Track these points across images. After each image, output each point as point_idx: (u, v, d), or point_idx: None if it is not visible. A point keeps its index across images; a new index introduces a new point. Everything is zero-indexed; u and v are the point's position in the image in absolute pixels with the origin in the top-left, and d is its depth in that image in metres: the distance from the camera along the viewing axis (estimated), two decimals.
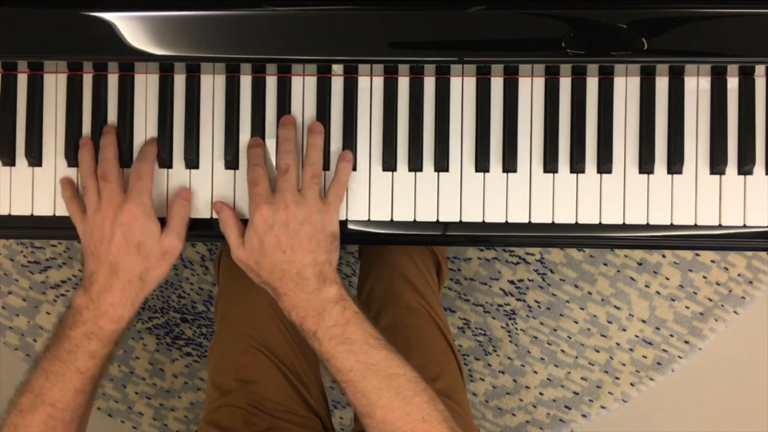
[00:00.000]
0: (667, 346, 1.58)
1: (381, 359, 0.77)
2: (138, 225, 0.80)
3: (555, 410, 1.61)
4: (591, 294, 1.57)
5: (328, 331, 0.78)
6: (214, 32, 0.80)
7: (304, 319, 0.79)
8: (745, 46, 0.79)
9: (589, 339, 1.59)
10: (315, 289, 0.79)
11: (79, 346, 0.80)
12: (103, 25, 0.80)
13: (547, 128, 0.85)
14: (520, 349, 1.60)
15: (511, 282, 1.58)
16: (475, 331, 1.59)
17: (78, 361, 0.80)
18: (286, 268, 0.79)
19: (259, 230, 0.80)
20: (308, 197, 0.81)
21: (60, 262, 1.61)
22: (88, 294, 0.81)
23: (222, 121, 0.87)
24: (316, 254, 0.80)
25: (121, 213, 0.80)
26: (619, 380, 1.60)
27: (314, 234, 0.80)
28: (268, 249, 0.79)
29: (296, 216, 0.80)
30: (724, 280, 1.56)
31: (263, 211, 0.80)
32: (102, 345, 0.81)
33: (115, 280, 0.80)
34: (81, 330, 0.80)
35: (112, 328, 0.81)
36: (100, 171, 0.83)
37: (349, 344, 0.78)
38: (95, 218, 0.82)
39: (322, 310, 0.79)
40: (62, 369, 0.80)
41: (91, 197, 0.83)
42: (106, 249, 0.80)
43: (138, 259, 0.81)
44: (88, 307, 0.80)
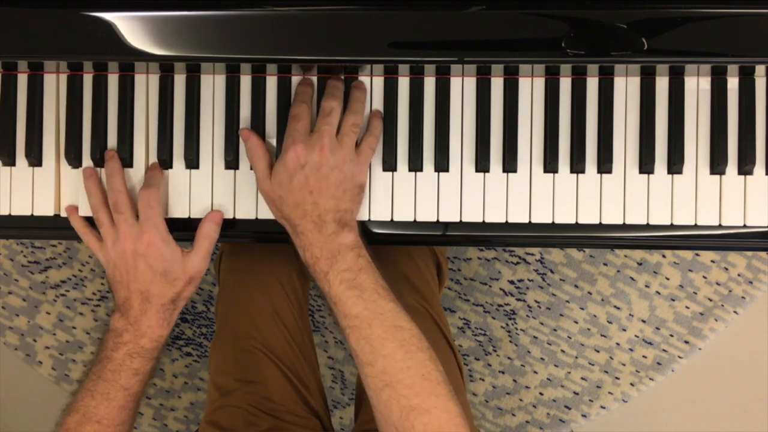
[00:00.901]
0: (667, 346, 1.58)
1: (389, 310, 0.78)
2: (158, 253, 0.82)
3: (555, 410, 1.61)
4: (591, 294, 1.57)
5: (340, 275, 0.78)
6: (214, 32, 0.80)
7: (318, 259, 0.80)
8: (745, 46, 0.79)
9: (589, 339, 1.59)
10: (333, 232, 0.79)
11: (123, 365, 0.84)
12: (103, 25, 0.80)
13: (547, 128, 0.85)
14: (520, 349, 1.60)
15: (511, 282, 1.58)
16: (475, 331, 1.59)
17: (122, 379, 0.83)
18: (309, 209, 0.80)
19: (290, 166, 0.80)
20: (345, 144, 0.82)
21: (60, 262, 1.61)
22: (125, 318, 0.84)
23: (222, 121, 0.87)
24: (341, 201, 0.80)
25: (140, 244, 0.82)
26: (619, 380, 1.60)
27: (343, 181, 0.81)
28: (295, 186, 0.80)
29: (329, 161, 0.80)
30: (724, 280, 1.56)
31: (298, 148, 0.80)
32: (144, 362, 0.85)
33: (149, 306, 0.84)
34: (123, 351, 0.84)
35: (151, 346, 0.85)
36: (112, 202, 0.84)
37: (359, 290, 0.78)
38: (115, 249, 0.83)
39: (337, 253, 0.79)
40: (107, 388, 0.83)
41: (107, 230, 0.84)
42: (133, 279, 0.83)
43: (166, 285, 0.84)
44: (128, 330, 0.84)
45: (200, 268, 0.86)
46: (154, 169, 0.86)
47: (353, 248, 0.80)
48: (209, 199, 0.87)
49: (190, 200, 0.87)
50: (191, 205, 0.87)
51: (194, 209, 0.87)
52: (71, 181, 0.88)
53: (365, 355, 0.77)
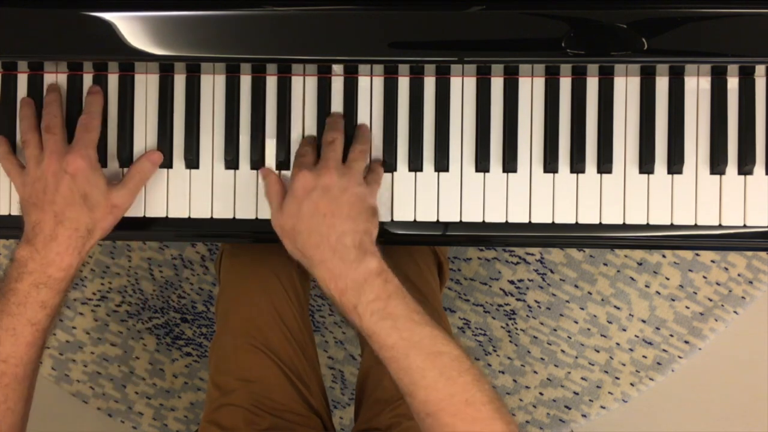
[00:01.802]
0: (667, 346, 1.58)
1: (425, 336, 0.74)
2: (83, 176, 0.79)
3: (555, 410, 1.61)
4: (591, 294, 1.57)
5: (370, 306, 0.75)
6: (214, 32, 0.80)
7: (344, 291, 0.76)
8: (745, 46, 0.79)
9: (589, 339, 1.59)
10: (355, 258, 0.76)
11: (29, 297, 0.78)
12: (103, 25, 0.80)
13: (547, 128, 0.85)
14: (520, 349, 1.60)
15: (511, 282, 1.58)
16: (475, 331, 1.59)
17: (28, 312, 0.78)
18: (324, 232, 0.76)
19: (298, 195, 0.78)
20: (353, 168, 0.81)
21: None
22: (32, 245, 0.79)
23: (222, 121, 0.87)
24: (357, 222, 0.78)
25: (66, 164, 0.79)
26: (619, 380, 1.60)
27: (355, 202, 0.78)
28: (305, 214, 0.77)
29: (338, 183, 0.78)
30: (724, 280, 1.56)
31: (305, 175, 0.78)
32: (52, 294, 0.79)
33: (61, 229, 0.79)
34: (28, 281, 0.78)
35: (60, 276, 0.79)
36: (45, 124, 0.82)
37: (392, 320, 0.74)
38: (37, 169, 0.80)
39: (363, 282, 0.75)
40: (12, 323, 0.78)
41: (32, 150, 0.82)
42: (50, 199, 0.79)
43: (84, 209, 0.80)
44: (33, 258, 0.78)
45: (124, 198, 0.82)
46: (95, 93, 0.85)
47: (379, 274, 0.76)
48: (209, 199, 0.87)
49: (190, 200, 0.87)
50: (191, 205, 0.87)
51: (194, 209, 0.87)
52: None
53: (406, 387, 0.75)
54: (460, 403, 0.73)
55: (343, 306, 0.77)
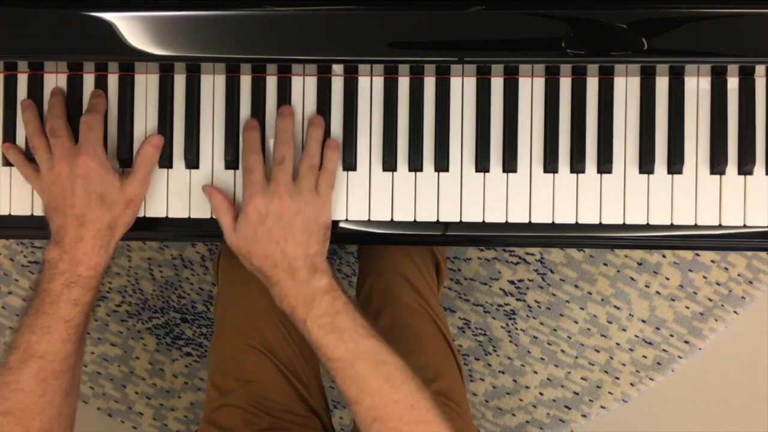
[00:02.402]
0: (667, 346, 1.58)
1: (370, 347, 0.78)
2: (95, 176, 0.81)
3: (555, 410, 1.61)
4: (591, 294, 1.57)
5: (318, 320, 0.79)
6: (214, 32, 0.80)
7: (295, 308, 0.80)
8: (745, 46, 0.79)
9: (589, 339, 1.59)
10: (306, 279, 0.80)
11: (61, 296, 0.80)
12: (103, 25, 0.80)
13: (547, 128, 0.85)
14: (520, 349, 1.60)
15: (511, 282, 1.58)
16: (475, 331, 1.59)
17: (62, 310, 0.80)
18: (278, 259, 0.80)
19: (252, 221, 0.80)
20: (303, 188, 0.82)
21: None
22: (60, 247, 0.81)
23: (222, 121, 0.87)
24: (308, 246, 0.81)
25: (76, 166, 0.80)
26: (619, 380, 1.60)
27: (307, 226, 0.81)
28: (260, 240, 0.80)
29: (290, 208, 0.80)
30: (724, 280, 1.56)
31: (257, 201, 0.80)
32: (83, 291, 0.81)
33: (85, 231, 0.81)
34: (60, 281, 0.80)
35: (89, 274, 0.81)
36: (49, 127, 0.83)
37: (339, 333, 0.78)
38: (50, 174, 0.82)
39: (312, 299, 0.79)
40: (47, 321, 0.80)
41: (42, 155, 0.83)
42: (69, 203, 0.80)
43: (103, 209, 0.81)
44: (62, 259, 0.80)
45: (139, 191, 0.84)
46: (97, 96, 0.86)
47: (328, 291, 0.80)
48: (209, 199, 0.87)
49: (190, 200, 0.87)
50: (191, 205, 0.87)
51: (194, 209, 0.87)
52: None
53: (352, 394, 0.78)
54: (405, 408, 0.76)
55: (295, 321, 0.81)
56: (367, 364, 0.77)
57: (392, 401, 0.76)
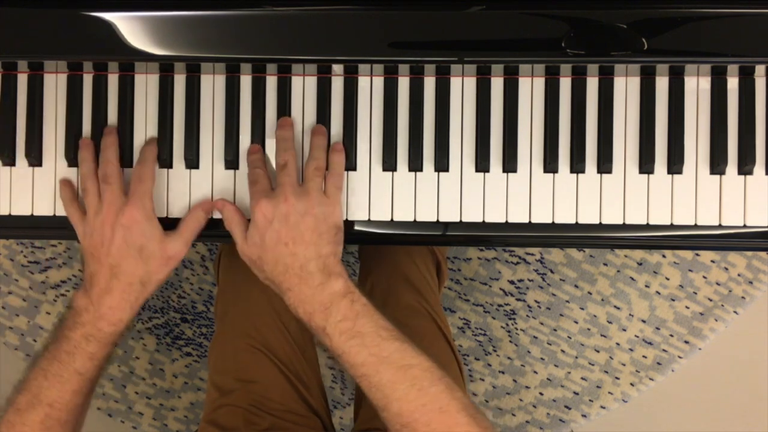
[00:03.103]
0: (667, 346, 1.58)
1: (394, 351, 0.76)
2: (138, 228, 0.80)
3: (555, 410, 1.61)
4: (591, 294, 1.57)
5: (338, 326, 0.77)
6: (214, 32, 0.80)
7: (312, 315, 0.78)
8: (745, 46, 0.79)
9: (589, 339, 1.59)
10: (320, 283, 0.78)
11: (78, 348, 0.80)
12: (103, 25, 0.80)
13: (547, 128, 0.85)
14: (520, 349, 1.60)
15: (511, 282, 1.58)
16: (475, 331, 1.59)
17: (77, 362, 0.80)
18: (289, 262, 0.78)
19: (260, 225, 0.79)
20: (310, 189, 0.81)
21: (60, 262, 1.61)
22: (88, 296, 0.81)
23: (222, 121, 0.87)
24: (319, 247, 0.79)
25: (122, 216, 0.80)
26: (619, 380, 1.60)
27: (316, 226, 0.79)
28: (269, 244, 0.79)
29: (297, 208, 0.79)
30: (724, 280, 1.56)
31: (262, 205, 0.79)
32: (100, 347, 0.81)
33: (116, 283, 0.80)
34: (80, 332, 0.80)
35: (110, 330, 0.81)
36: (102, 173, 0.83)
37: (360, 338, 0.76)
38: (95, 220, 0.81)
39: (330, 304, 0.77)
40: (61, 370, 0.80)
41: (91, 199, 0.82)
42: (106, 251, 0.80)
43: (139, 262, 0.81)
44: (87, 309, 0.81)
45: (179, 249, 0.83)
46: (150, 144, 0.86)
47: (345, 295, 0.78)
48: (209, 199, 0.87)
49: (190, 200, 0.87)
50: (191, 205, 0.87)
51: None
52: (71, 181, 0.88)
53: (379, 402, 0.75)
54: (434, 411, 0.73)
55: (313, 329, 0.79)
56: (392, 368, 0.75)
57: (420, 405, 0.74)
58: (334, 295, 0.78)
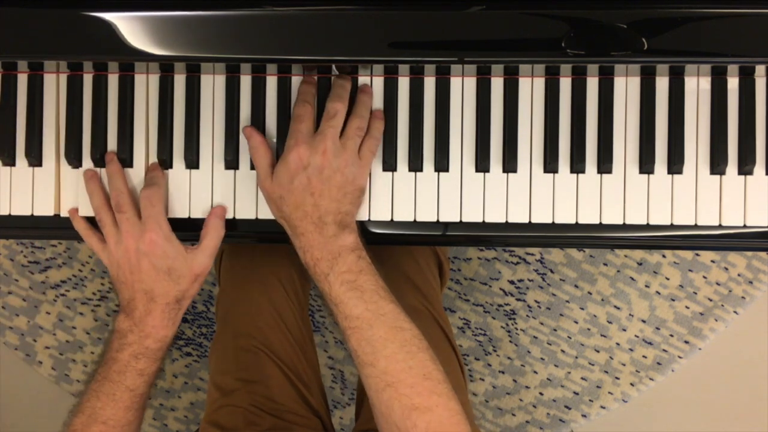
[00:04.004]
0: (667, 346, 1.58)
1: (389, 311, 0.78)
2: (161, 251, 0.82)
3: (555, 410, 1.61)
4: (591, 294, 1.57)
5: (341, 276, 0.78)
6: (214, 32, 0.80)
7: (318, 261, 0.80)
8: (745, 46, 0.79)
9: (589, 339, 1.59)
10: (333, 234, 0.79)
11: (128, 366, 0.83)
12: (103, 25, 0.80)
13: (547, 128, 0.85)
14: (520, 349, 1.60)
15: (511, 282, 1.58)
16: (475, 331, 1.59)
17: (128, 380, 0.83)
18: (309, 210, 0.80)
19: (292, 167, 0.80)
20: (348, 147, 0.81)
21: (60, 262, 1.61)
22: (130, 319, 0.83)
23: (222, 121, 0.87)
24: (341, 204, 0.80)
25: (142, 242, 0.82)
26: (619, 380, 1.60)
27: (344, 184, 0.80)
28: (296, 188, 0.80)
29: (332, 163, 0.80)
30: (724, 280, 1.56)
31: (301, 149, 0.80)
32: (149, 362, 0.84)
33: (154, 306, 0.83)
34: (128, 351, 0.83)
35: (156, 347, 0.84)
36: (114, 203, 0.84)
37: (360, 291, 0.78)
38: (118, 250, 0.83)
39: (338, 254, 0.79)
40: (113, 389, 0.83)
41: (109, 230, 0.84)
42: (137, 278, 0.82)
43: (171, 283, 0.83)
44: (132, 331, 0.83)
45: (206, 264, 0.85)
46: (155, 169, 0.86)
47: (354, 250, 0.80)
48: (209, 199, 0.87)
49: (190, 200, 0.87)
50: (191, 205, 0.87)
51: (194, 209, 0.87)
52: (71, 181, 0.88)
53: (366, 356, 0.77)
54: (419, 376, 0.75)
55: (316, 274, 0.80)
56: (385, 326, 0.77)
57: (407, 367, 0.76)
58: (343, 247, 0.79)
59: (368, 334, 0.77)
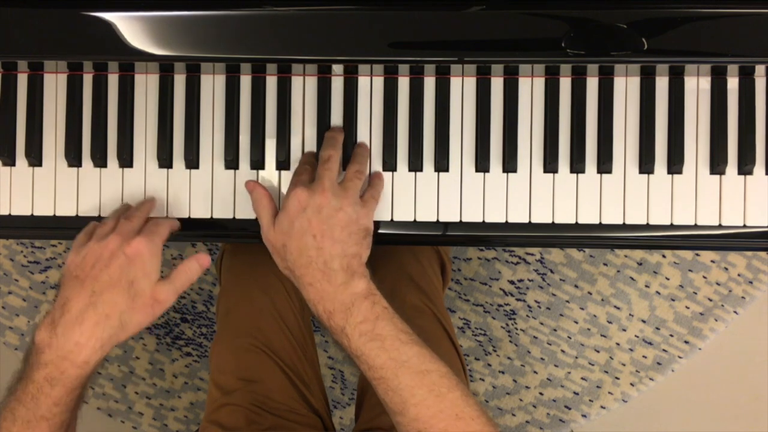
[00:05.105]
0: (667, 346, 1.58)
1: (413, 355, 0.75)
2: (140, 261, 0.76)
3: (555, 410, 1.61)
4: (591, 294, 1.57)
5: (358, 327, 0.75)
6: (214, 32, 0.80)
7: (332, 314, 0.76)
8: (745, 46, 0.79)
9: (589, 339, 1.59)
10: (342, 282, 0.76)
11: (42, 392, 0.74)
12: (103, 25, 0.80)
13: (547, 128, 0.85)
14: (520, 349, 1.60)
15: (511, 282, 1.58)
16: (475, 331, 1.59)
17: (41, 408, 0.74)
18: (313, 255, 0.76)
19: (291, 212, 0.78)
20: (348, 188, 0.80)
21: (60, 262, 1.61)
22: (53, 327, 0.74)
23: (222, 121, 0.87)
24: (347, 246, 0.77)
25: (127, 245, 0.76)
26: (619, 380, 1.60)
27: (347, 224, 0.78)
28: (297, 231, 0.77)
29: (332, 202, 0.77)
30: (724, 280, 1.56)
31: (299, 192, 0.78)
32: (65, 392, 0.74)
33: (91, 313, 0.74)
34: (42, 373, 0.73)
35: (75, 374, 0.74)
36: (128, 213, 0.81)
37: (380, 341, 0.75)
38: (97, 244, 0.77)
39: (351, 304, 0.76)
40: (27, 415, 0.74)
41: (103, 228, 0.79)
42: (95, 275, 0.75)
43: (125, 295, 0.75)
44: (50, 345, 0.74)
45: (168, 298, 0.78)
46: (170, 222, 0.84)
47: (367, 296, 0.76)
48: (209, 199, 0.87)
49: (190, 200, 0.87)
50: (191, 205, 0.87)
51: (194, 209, 0.87)
52: (71, 181, 0.88)
53: (395, 406, 0.75)
54: (450, 417, 0.73)
55: (332, 328, 0.77)
56: (411, 373, 0.74)
57: (437, 411, 0.73)
58: (355, 295, 0.76)
59: (394, 384, 0.74)
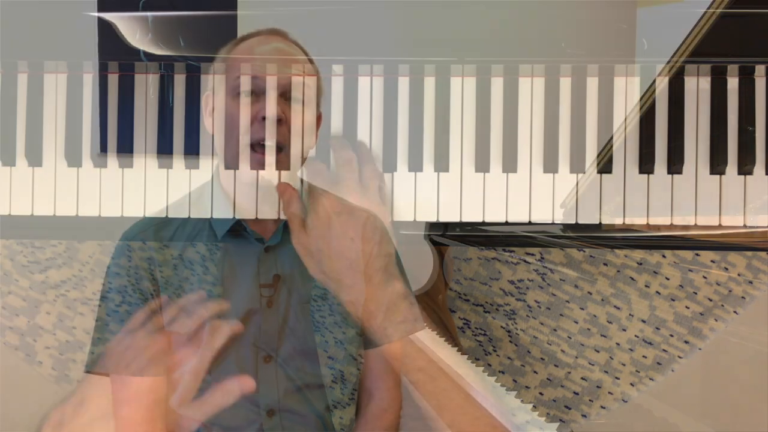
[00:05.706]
0: (667, 346, 1.58)
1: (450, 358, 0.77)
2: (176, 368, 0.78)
3: (555, 410, 1.61)
4: (591, 294, 1.57)
5: (399, 327, 0.76)
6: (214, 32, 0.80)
7: (373, 314, 0.77)
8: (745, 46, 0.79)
9: (589, 339, 1.59)
10: (381, 281, 0.77)
11: None
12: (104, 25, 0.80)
13: (547, 128, 0.85)
14: (520, 349, 1.59)
15: (511, 282, 1.58)
16: (475, 331, 1.59)
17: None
18: (353, 257, 0.77)
19: (323, 216, 0.78)
20: (371, 189, 0.80)
21: (60, 262, 1.61)
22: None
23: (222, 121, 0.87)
24: (381, 246, 0.78)
25: (178, 351, 0.79)
26: (619, 380, 1.60)
27: (379, 225, 0.79)
28: (333, 236, 0.77)
29: (362, 204, 0.78)
30: (724, 280, 1.56)
31: (329, 196, 0.78)
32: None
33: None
34: None
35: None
36: (197, 337, 0.83)
37: (420, 342, 0.76)
38: (175, 353, 0.81)
39: (392, 304, 0.77)
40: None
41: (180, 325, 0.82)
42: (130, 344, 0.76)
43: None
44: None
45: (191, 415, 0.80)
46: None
47: (405, 297, 0.78)
48: (209, 199, 0.87)
49: (190, 199, 0.87)
50: (191, 205, 0.87)
51: (194, 209, 0.87)
52: (71, 181, 0.88)
53: (432, 408, 0.76)
54: (487, 426, 0.75)
55: (372, 328, 0.78)
56: (448, 377, 0.75)
57: (474, 418, 0.75)
58: (395, 295, 0.77)
59: (431, 387, 0.76)
